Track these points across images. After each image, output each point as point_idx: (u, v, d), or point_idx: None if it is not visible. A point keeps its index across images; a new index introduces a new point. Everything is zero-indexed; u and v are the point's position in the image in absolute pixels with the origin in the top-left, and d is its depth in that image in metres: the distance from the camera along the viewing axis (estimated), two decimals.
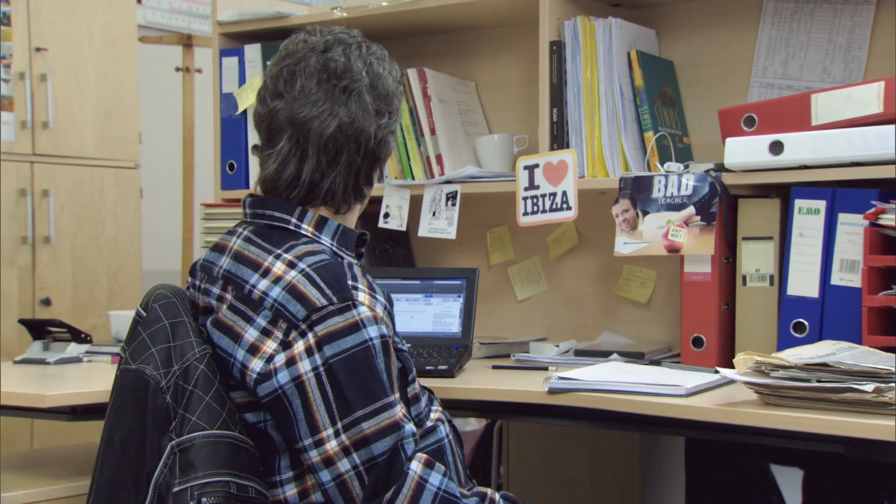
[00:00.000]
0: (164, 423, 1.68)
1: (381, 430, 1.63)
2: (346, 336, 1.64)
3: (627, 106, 2.48)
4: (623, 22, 2.50)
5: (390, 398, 1.65)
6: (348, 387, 1.63)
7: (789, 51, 2.51)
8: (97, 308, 3.88)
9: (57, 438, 3.57)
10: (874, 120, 2.10)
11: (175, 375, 1.70)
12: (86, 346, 2.74)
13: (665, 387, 1.97)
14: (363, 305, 1.67)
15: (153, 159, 4.52)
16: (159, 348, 1.72)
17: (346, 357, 1.64)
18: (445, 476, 1.66)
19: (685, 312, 2.31)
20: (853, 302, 2.08)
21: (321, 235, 1.78)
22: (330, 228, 1.79)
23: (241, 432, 1.69)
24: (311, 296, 1.65)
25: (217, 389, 1.70)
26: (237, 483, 1.66)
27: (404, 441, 1.64)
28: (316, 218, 1.79)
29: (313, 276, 1.67)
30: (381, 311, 1.70)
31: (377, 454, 1.62)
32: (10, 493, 2.09)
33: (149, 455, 1.68)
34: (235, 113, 2.88)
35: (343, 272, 1.69)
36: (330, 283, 1.67)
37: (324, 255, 1.72)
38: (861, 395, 1.74)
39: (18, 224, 3.71)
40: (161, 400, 1.69)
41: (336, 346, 1.64)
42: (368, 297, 1.69)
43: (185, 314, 1.76)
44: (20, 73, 3.69)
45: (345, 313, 1.65)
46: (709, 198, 2.24)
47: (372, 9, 2.70)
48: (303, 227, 1.78)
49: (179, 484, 1.65)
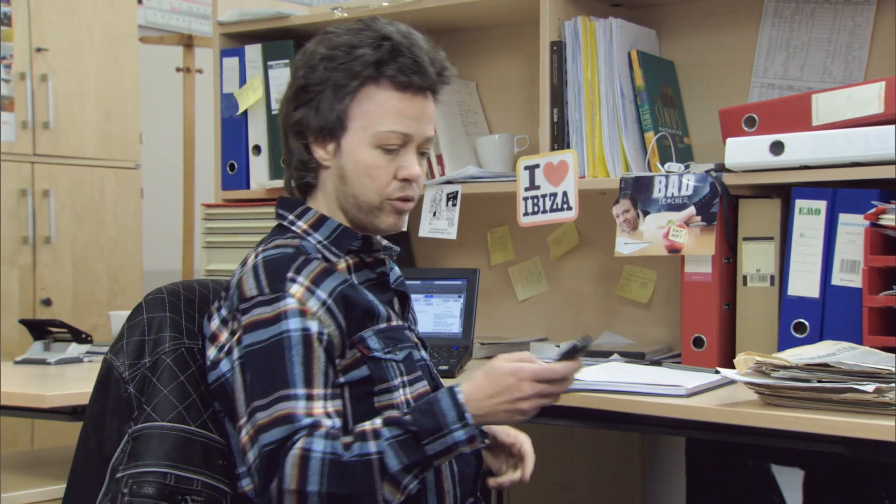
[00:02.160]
0: (125, 412, 1.74)
1: (272, 421, 1.60)
2: (266, 326, 1.65)
3: (628, 106, 2.48)
4: (623, 22, 2.50)
5: (292, 391, 1.61)
6: (255, 377, 1.64)
7: (790, 51, 2.51)
8: (98, 308, 3.88)
9: (57, 439, 3.57)
10: (875, 120, 2.10)
11: (144, 367, 1.76)
12: (86, 347, 2.74)
13: (666, 387, 1.97)
14: (292, 298, 1.65)
15: (154, 159, 4.52)
16: (131, 340, 1.79)
17: (260, 347, 1.64)
18: (328, 437, 1.58)
19: (686, 313, 2.31)
20: (854, 302, 2.08)
21: (315, 233, 1.78)
22: (329, 227, 1.79)
23: (205, 426, 1.71)
24: (247, 286, 1.68)
25: (181, 383, 1.74)
26: (178, 475, 1.69)
27: (296, 433, 1.59)
28: (316, 216, 1.79)
29: (258, 268, 1.68)
30: (315, 306, 1.66)
31: (264, 444, 1.59)
32: (10, 493, 2.09)
33: (107, 441, 1.74)
34: (236, 113, 2.89)
35: (287, 265, 1.68)
36: (268, 275, 1.67)
37: (287, 249, 1.72)
38: (862, 396, 1.74)
39: (19, 224, 3.71)
40: (122, 390, 1.75)
41: (254, 335, 1.65)
42: (303, 290, 1.66)
43: (173, 310, 1.80)
44: (21, 73, 3.69)
45: (272, 304, 1.65)
46: (709, 198, 2.24)
47: (372, 9, 2.70)
48: (296, 224, 1.79)
49: (122, 471, 1.71)
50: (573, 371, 1.62)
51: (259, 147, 2.87)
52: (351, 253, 1.79)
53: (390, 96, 1.74)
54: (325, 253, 1.76)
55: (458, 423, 1.57)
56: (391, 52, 1.73)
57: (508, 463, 1.84)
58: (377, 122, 1.74)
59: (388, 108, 1.74)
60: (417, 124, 1.76)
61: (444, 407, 1.59)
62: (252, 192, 2.88)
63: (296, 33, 2.86)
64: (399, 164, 1.75)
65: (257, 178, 2.87)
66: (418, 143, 1.77)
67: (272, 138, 2.85)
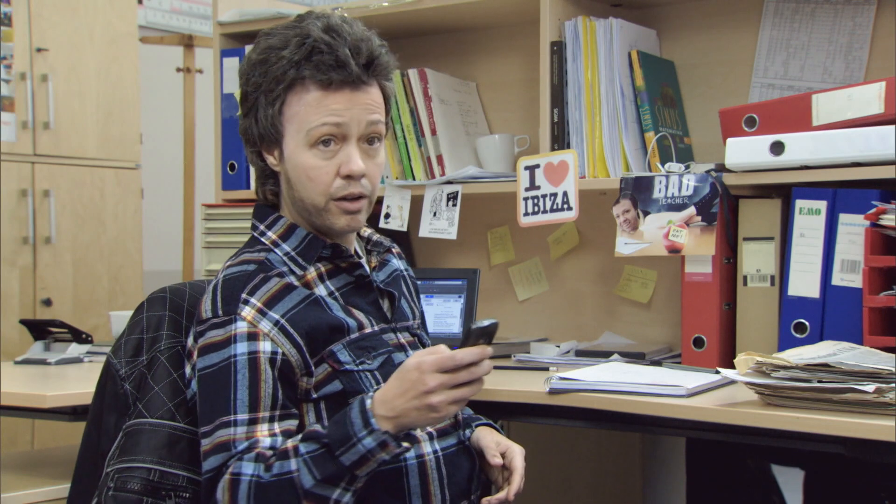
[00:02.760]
0: (122, 408, 1.77)
1: (212, 448, 1.62)
2: (216, 350, 1.65)
3: (628, 106, 2.48)
4: (624, 22, 2.50)
5: (232, 416, 1.62)
6: (203, 402, 1.66)
7: (790, 51, 2.50)
8: (98, 308, 3.88)
9: (58, 439, 3.57)
10: (875, 120, 2.10)
11: (141, 364, 1.78)
12: (87, 347, 2.74)
13: (666, 387, 1.97)
14: (243, 321, 1.64)
15: (154, 160, 4.52)
16: (131, 338, 1.81)
17: (209, 372, 1.65)
18: (257, 460, 1.58)
19: (686, 313, 2.31)
20: (854, 302, 2.08)
21: (283, 244, 1.76)
22: (298, 236, 1.76)
23: (195, 423, 1.71)
24: (204, 307, 1.69)
25: (173, 381, 1.76)
26: (162, 471, 1.71)
27: (230, 459, 1.60)
28: (286, 226, 1.77)
29: (217, 288, 1.69)
30: (267, 327, 1.64)
31: (205, 471, 1.62)
32: (10, 493, 2.09)
33: (104, 437, 1.77)
34: (236, 113, 2.87)
35: (242, 285, 1.67)
36: (224, 296, 1.67)
37: (249, 266, 1.71)
38: (862, 396, 1.74)
39: (19, 224, 3.71)
40: (119, 387, 1.78)
41: (206, 359, 1.66)
42: (254, 312, 1.65)
43: (174, 309, 1.82)
44: (21, 73, 3.69)
45: (224, 327, 1.65)
46: (710, 198, 2.24)
47: (372, 9, 2.70)
48: (266, 235, 1.77)
49: (111, 465, 1.73)
50: (479, 357, 1.55)
51: None
52: (323, 260, 1.76)
53: (315, 95, 1.70)
54: (290, 266, 1.73)
55: (365, 429, 1.54)
56: (310, 52, 1.69)
57: (503, 475, 1.79)
58: (306, 121, 1.70)
59: (314, 107, 1.70)
60: (349, 112, 1.70)
61: (353, 415, 1.56)
62: (252, 193, 2.86)
63: None
64: (339, 162, 1.71)
65: None
66: (360, 134, 1.72)
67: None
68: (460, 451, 1.77)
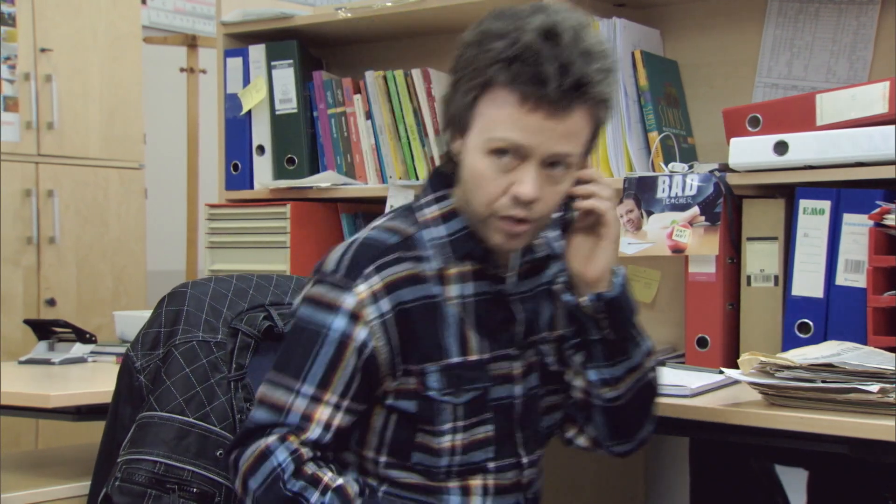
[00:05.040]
0: (136, 400, 1.80)
1: (268, 402, 1.59)
2: (318, 309, 1.60)
3: (631, 106, 2.48)
4: (627, 22, 2.50)
5: (298, 385, 1.58)
6: (285, 350, 1.61)
7: (794, 51, 2.50)
8: (102, 308, 3.88)
9: (61, 439, 3.57)
10: (879, 120, 2.10)
11: (157, 358, 1.80)
12: (90, 347, 2.74)
13: (669, 387, 1.97)
14: (353, 297, 1.58)
15: (157, 160, 4.52)
16: (149, 332, 1.84)
17: (303, 326, 1.60)
18: (293, 455, 1.55)
19: (689, 313, 2.30)
20: (858, 302, 2.08)
21: (442, 225, 1.64)
22: (457, 224, 1.64)
23: (205, 419, 1.73)
24: (331, 259, 1.63)
25: (185, 376, 1.78)
26: (167, 464, 1.72)
27: (275, 427, 1.57)
28: (451, 207, 1.64)
29: (350, 247, 1.62)
30: (372, 314, 1.58)
31: (250, 417, 1.60)
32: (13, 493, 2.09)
33: (119, 427, 1.80)
34: (240, 113, 2.88)
35: (371, 257, 1.60)
36: (353, 259, 1.60)
37: (394, 237, 1.62)
38: (866, 396, 1.73)
39: (23, 224, 3.71)
40: (135, 379, 1.80)
41: (306, 310, 1.61)
42: (369, 294, 1.58)
43: (193, 304, 1.83)
44: (25, 73, 3.70)
45: (333, 290, 1.59)
46: (713, 198, 2.24)
47: (376, 9, 2.70)
48: (429, 208, 1.66)
49: (121, 456, 1.75)
50: None
51: (263, 147, 2.87)
52: (471, 259, 1.64)
53: (508, 104, 1.53)
54: (435, 252, 1.63)
55: None
56: (516, 55, 1.51)
57: None
58: (492, 126, 1.54)
59: (502, 117, 1.53)
60: (536, 138, 1.53)
61: None
62: (256, 193, 2.88)
63: (299, 33, 2.86)
64: (513, 179, 1.55)
65: (261, 178, 2.87)
66: (541, 158, 1.55)
67: (276, 138, 2.85)
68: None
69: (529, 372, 1.70)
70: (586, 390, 1.72)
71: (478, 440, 1.65)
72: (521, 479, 1.72)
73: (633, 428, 1.76)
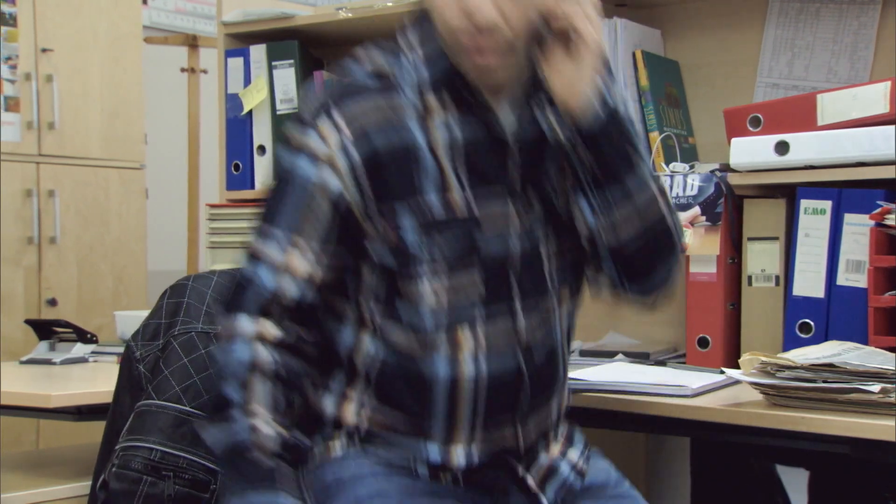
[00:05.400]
0: (136, 389, 1.83)
1: (250, 251, 1.52)
2: (288, 148, 1.53)
3: (632, 106, 2.47)
4: (628, 22, 2.50)
5: (271, 228, 1.49)
6: (266, 195, 1.56)
7: (795, 51, 2.50)
8: (102, 308, 3.88)
9: (62, 438, 3.57)
10: (880, 120, 2.10)
11: (157, 348, 1.84)
12: (91, 347, 2.74)
13: (670, 387, 1.97)
14: (316, 138, 1.48)
15: (158, 160, 4.52)
16: (150, 323, 1.87)
17: (276, 168, 1.55)
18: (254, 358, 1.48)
19: (690, 313, 2.30)
20: (859, 302, 2.08)
21: (421, 48, 1.53)
22: (435, 46, 1.51)
23: (203, 408, 1.74)
24: (308, 98, 1.61)
25: (183, 365, 1.80)
26: (163, 451, 1.74)
27: (257, 282, 1.48)
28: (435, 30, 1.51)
29: (330, 80, 1.61)
30: (339, 159, 1.47)
31: (241, 270, 1.53)
32: (14, 493, 2.09)
33: (118, 416, 1.84)
34: (241, 113, 2.88)
35: (342, 92, 1.50)
36: (318, 97, 1.52)
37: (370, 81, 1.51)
38: (867, 396, 1.73)
39: (24, 224, 3.71)
40: (134, 369, 1.84)
41: (280, 152, 1.55)
42: (336, 135, 1.47)
43: (194, 296, 1.86)
44: (26, 73, 3.70)
45: (298, 129, 1.51)
46: (714, 198, 2.24)
47: (377, 9, 2.70)
48: (411, 33, 1.56)
49: (119, 443, 1.78)
50: None
51: (264, 147, 2.87)
52: (452, 89, 1.52)
53: None
54: (414, 76, 1.51)
55: None
56: None
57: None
58: None
59: None
60: None
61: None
62: (257, 192, 2.87)
63: (300, 33, 2.86)
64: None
65: (262, 178, 2.87)
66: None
67: (277, 138, 2.84)
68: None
69: (529, 217, 1.59)
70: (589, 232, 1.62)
71: (462, 285, 1.54)
72: (516, 329, 1.60)
73: (645, 270, 1.66)
